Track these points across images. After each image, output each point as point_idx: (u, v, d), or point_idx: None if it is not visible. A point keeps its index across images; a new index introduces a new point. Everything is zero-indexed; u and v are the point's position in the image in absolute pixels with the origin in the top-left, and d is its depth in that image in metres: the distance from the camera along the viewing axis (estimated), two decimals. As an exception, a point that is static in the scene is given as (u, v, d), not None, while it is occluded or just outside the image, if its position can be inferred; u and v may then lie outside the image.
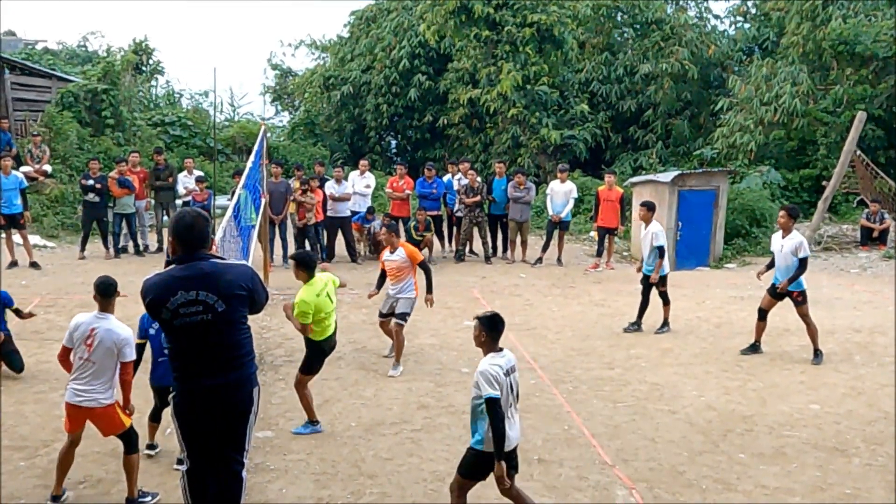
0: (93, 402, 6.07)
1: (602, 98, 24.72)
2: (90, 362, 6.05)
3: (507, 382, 5.52)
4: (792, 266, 10.28)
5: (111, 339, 6.07)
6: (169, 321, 4.38)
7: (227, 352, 4.50)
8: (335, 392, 9.00)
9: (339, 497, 6.62)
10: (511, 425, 5.55)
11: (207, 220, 4.67)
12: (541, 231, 17.66)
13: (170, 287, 4.37)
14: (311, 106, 28.71)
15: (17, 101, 22.02)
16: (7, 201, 14.72)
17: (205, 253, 4.53)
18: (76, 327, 6.13)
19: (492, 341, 5.64)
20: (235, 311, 4.50)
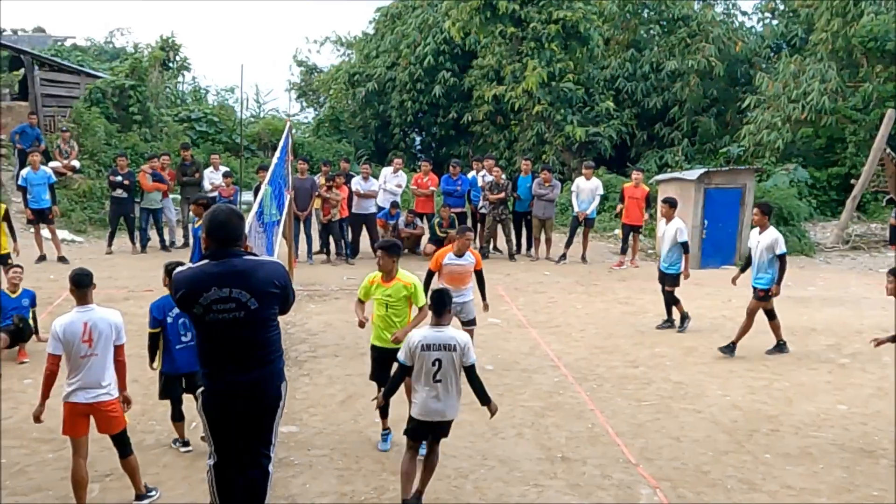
0: (99, 396, 6.04)
1: (627, 95, 24.59)
2: (93, 356, 5.99)
3: (422, 356, 6.05)
4: (765, 263, 10.20)
5: (107, 325, 6.06)
6: (201, 316, 4.39)
7: (257, 349, 4.52)
8: (359, 388, 9.03)
9: (361, 493, 6.64)
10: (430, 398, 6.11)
11: (241, 217, 4.68)
12: (565, 228, 17.60)
13: (203, 282, 4.38)
14: (336, 102, 28.77)
15: (46, 97, 22.25)
16: (36, 196, 14.89)
17: (238, 250, 4.54)
18: (64, 330, 5.95)
19: (435, 315, 6.20)
20: (267, 309, 4.51)
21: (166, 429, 7.70)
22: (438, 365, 6.06)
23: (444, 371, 6.08)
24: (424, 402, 6.15)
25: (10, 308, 9.83)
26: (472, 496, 6.62)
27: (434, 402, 6.14)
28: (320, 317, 11.86)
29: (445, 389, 6.12)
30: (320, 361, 9.95)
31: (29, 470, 6.98)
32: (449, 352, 6.07)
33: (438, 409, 6.16)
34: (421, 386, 6.14)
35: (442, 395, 6.12)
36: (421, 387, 6.14)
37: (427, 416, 6.18)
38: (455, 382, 6.15)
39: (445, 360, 6.07)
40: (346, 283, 14.01)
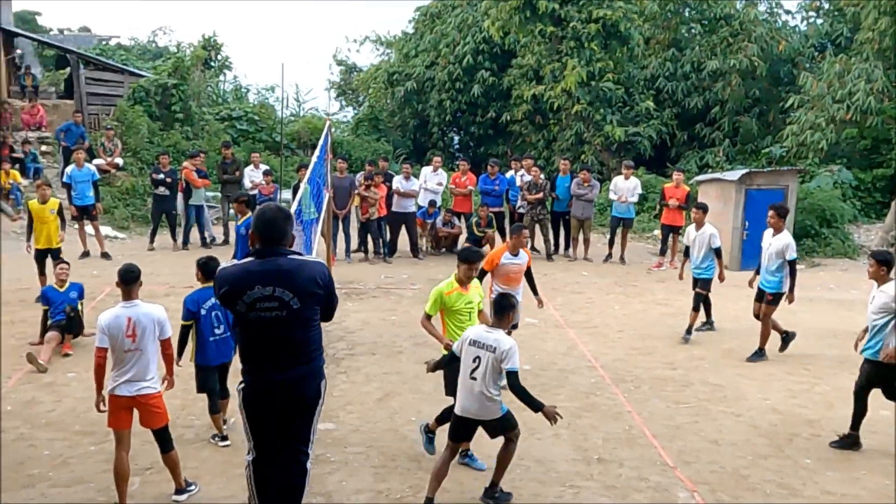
0: (143, 389, 6.14)
1: (668, 95, 24.37)
2: (136, 351, 6.09)
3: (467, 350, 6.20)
4: (773, 266, 10.05)
5: (150, 321, 6.16)
6: (244, 314, 4.44)
7: (297, 348, 4.55)
8: (395, 386, 9.06)
9: (397, 491, 6.67)
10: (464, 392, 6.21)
11: (289, 216, 4.70)
12: (604, 229, 17.51)
13: (247, 280, 4.42)
14: (375, 101, 28.88)
15: (91, 96, 22.63)
16: (80, 193, 15.16)
17: (283, 249, 4.57)
18: (109, 325, 6.07)
19: (495, 316, 6.32)
20: (309, 309, 4.53)
21: (205, 424, 7.80)
22: (477, 363, 6.14)
23: (481, 370, 6.12)
24: (459, 398, 6.28)
25: (59, 302, 10.05)
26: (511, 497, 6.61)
27: (466, 398, 6.22)
28: (358, 315, 11.92)
29: (478, 388, 6.15)
30: (357, 359, 10.00)
31: (71, 462, 7.11)
32: (489, 352, 6.11)
33: (468, 406, 6.23)
34: (461, 381, 6.25)
35: (474, 393, 6.17)
36: (461, 382, 6.25)
37: (460, 412, 6.28)
38: (489, 385, 6.14)
39: (484, 359, 6.12)
40: (383, 281, 14.07)
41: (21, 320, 10.93)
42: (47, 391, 8.69)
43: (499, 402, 6.25)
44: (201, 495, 6.51)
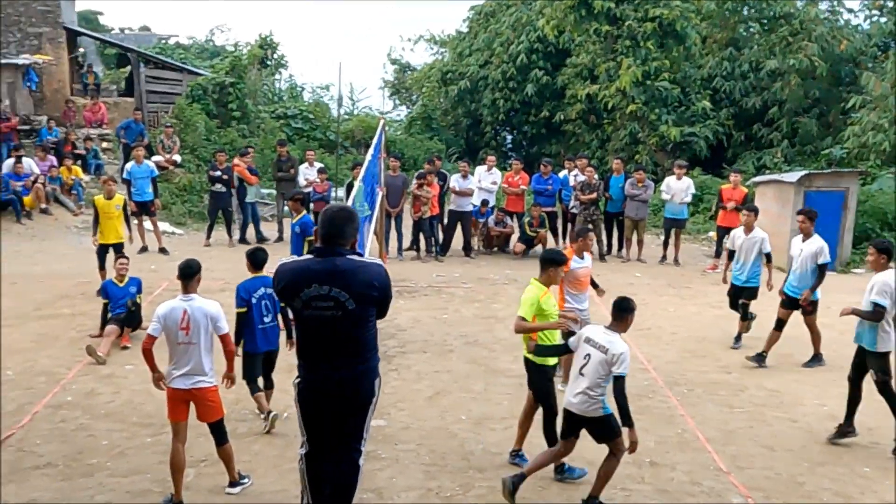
0: (199, 383, 6.26)
1: (725, 95, 24.01)
2: (190, 344, 6.20)
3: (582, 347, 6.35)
4: (808, 272, 9.84)
5: (204, 316, 6.26)
6: (300, 311, 4.48)
7: (352, 347, 4.57)
8: (446, 385, 9.08)
9: (447, 489, 6.68)
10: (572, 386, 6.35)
11: (352, 216, 4.71)
12: (657, 230, 17.32)
13: (305, 278, 4.46)
14: (429, 100, 28.96)
15: (151, 94, 23.07)
16: (139, 189, 15.46)
17: (344, 249, 4.59)
18: (165, 316, 6.22)
19: (614, 319, 6.38)
20: (365, 310, 4.55)
21: (258, 418, 7.90)
22: (587, 360, 6.27)
23: (589, 368, 6.23)
24: (567, 391, 6.45)
25: (119, 297, 10.27)
26: (557, 497, 6.59)
27: (572, 392, 6.35)
28: (409, 313, 11.96)
29: (584, 385, 6.24)
30: (408, 357, 10.04)
31: (129, 452, 7.25)
32: (600, 352, 6.19)
33: (572, 400, 6.34)
34: (571, 375, 6.45)
35: (580, 389, 6.27)
36: (571, 376, 6.45)
37: (566, 404, 6.43)
38: (593, 384, 6.21)
39: (594, 358, 6.22)
40: (435, 280, 14.10)
41: (81, 313, 11.18)
42: (106, 383, 8.88)
43: (601, 402, 6.27)
44: (254, 489, 6.59)
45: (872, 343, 7.65)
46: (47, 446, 7.35)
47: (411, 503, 6.44)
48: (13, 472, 6.84)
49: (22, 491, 6.53)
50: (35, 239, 15.95)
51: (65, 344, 10.21)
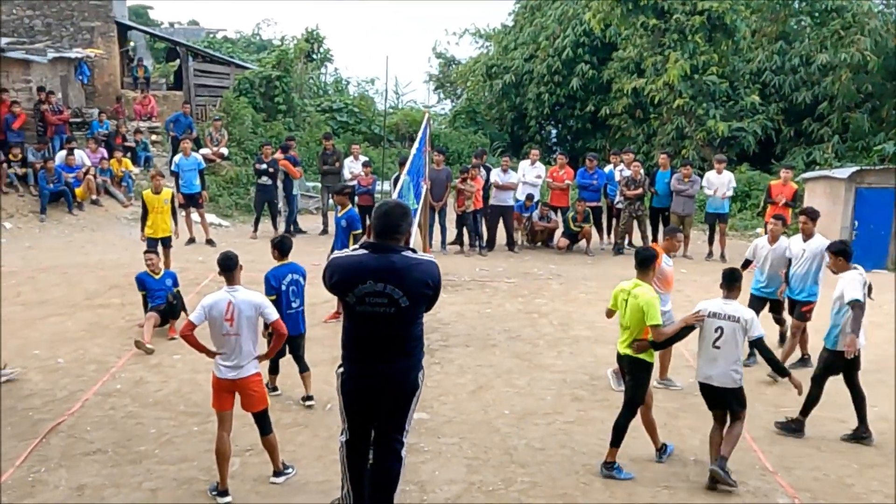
0: (243, 372, 6.33)
1: (774, 89, 23.60)
2: (234, 335, 6.27)
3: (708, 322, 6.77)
4: (811, 273, 9.53)
5: (250, 306, 6.33)
6: (352, 305, 4.49)
7: (401, 342, 4.57)
8: (489, 379, 9.07)
9: (489, 483, 6.68)
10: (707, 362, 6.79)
11: (406, 211, 4.70)
12: (703, 225, 17.10)
13: (360, 274, 4.45)
14: (473, 94, 28.90)
15: (199, 87, 23.37)
16: (187, 181, 15.69)
17: (398, 245, 4.58)
18: (211, 306, 6.29)
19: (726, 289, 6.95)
20: (417, 308, 4.56)
21: (303, 409, 7.98)
22: (720, 332, 6.71)
23: (724, 339, 6.69)
24: (701, 366, 6.87)
25: (156, 288, 10.41)
26: (601, 494, 6.56)
27: (709, 366, 6.77)
28: (453, 307, 11.97)
29: (722, 357, 6.69)
30: (451, 351, 10.05)
31: (176, 441, 7.37)
32: (732, 322, 6.68)
33: (710, 373, 6.77)
34: (703, 351, 6.82)
35: (718, 362, 6.71)
36: (703, 351, 6.82)
37: (703, 379, 6.85)
38: (731, 353, 6.69)
39: (728, 329, 6.69)
40: (478, 274, 14.09)
41: (131, 303, 11.36)
42: (154, 372, 9.03)
43: (741, 372, 6.77)
44: (298, 479, 6.66)
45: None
46: (97, 433, 7.49)
47: (453, 497, 6.45)
48: (64, 458, 6.99)
49: (72, 476, 6.66)
50: (86, 230, 16.25)
51: (114, 333, 10.40)
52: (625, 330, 7.00)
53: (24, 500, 6.29)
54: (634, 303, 6.88)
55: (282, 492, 6.48)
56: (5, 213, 16.23)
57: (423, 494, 6.46)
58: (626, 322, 6.97)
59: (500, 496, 6.47)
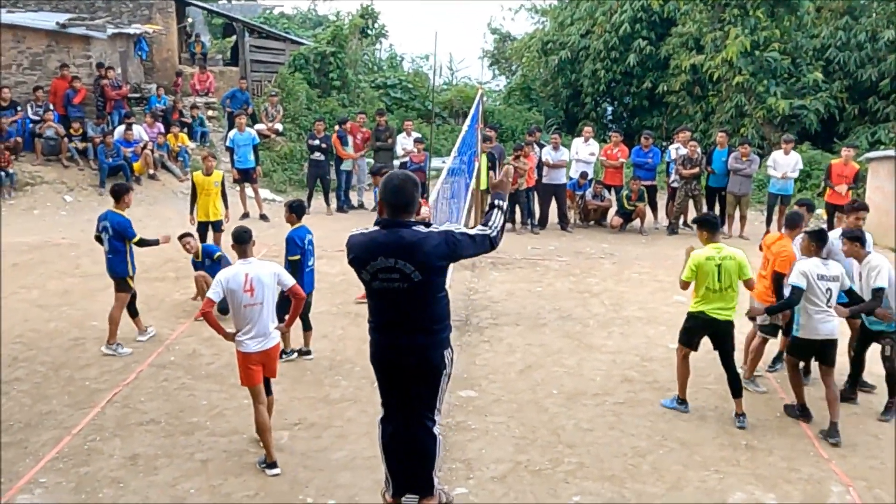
0: (269, 342, 6.52)
1: (839, 66, 22.91)
2: (256, 305, 6.39)
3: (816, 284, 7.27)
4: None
5: (267, 275, 6.47)
6: (368, 282, 4.50)
7: (418, 319, 4.55)
8: (538, 359, 9.03)
9: (537, 463, 6.66)
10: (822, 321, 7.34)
11: (416, 183, 4.67)
12: (761, 206, 16.73)
13: (371, 251, 4.46)
14: (528, 70, 28.60)
15: (255, 63, 23.49)
16: (241, 157, 15.85)
17: (409, 220, 4.55)
18: (228, 279, 6.38)
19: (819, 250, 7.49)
20: (431, 282, 4.52)
21: (352, 384, 8.04)
22: (830, 293, 7.29)
23: (834, 299, 7.33)
24: (815, 325, 7.33)
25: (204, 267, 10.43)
26: (648, 476, 6.49)
27: (826, 324, 7.32)
28: (503, 285, 11.93)
29: (832, 314, 7.33)
30: (501, 329, 10.02)
31: (227, 413, 7.48)
32: (837, 282, 7.33)
33: (829, 329, 7.35)
34: (816, 313, 7.31)
35: (832, 319, 7.34)
36: (816, 313, 7.31)
37: (816, 335, 7.37)
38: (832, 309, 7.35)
39: (835, 289, 7.32)
40: (530, 252, 14.01)
41: (186, 276, 11.51)
42: (207, 345, 9.16)
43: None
44: (346, 454, 6.71)
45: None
46: (151, 404, 7.64)
47: (500, 475, 6.44)
48: (119, 428, 7.14)
49: (126, 446, 6.81)
50: (143, 203, 16.50)
51: (169, 306, 10.59)
52: (722, 292, 7.41)
53: (80, 468, 6.45)
54: (733, 263, 7.43)
55: (329, 466, 6.55)
56: (66, 187, 16.58)
57: (469, 472, 6.47)
58: (723, 284, 7.39)
59: (546, 476, 6.45)
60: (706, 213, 8.49)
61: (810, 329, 7.36)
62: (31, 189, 16.25)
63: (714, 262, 7.36)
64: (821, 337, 7.34)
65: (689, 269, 7.47)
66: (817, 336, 7.35)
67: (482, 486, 6.26)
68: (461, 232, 4.62)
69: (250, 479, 6.32)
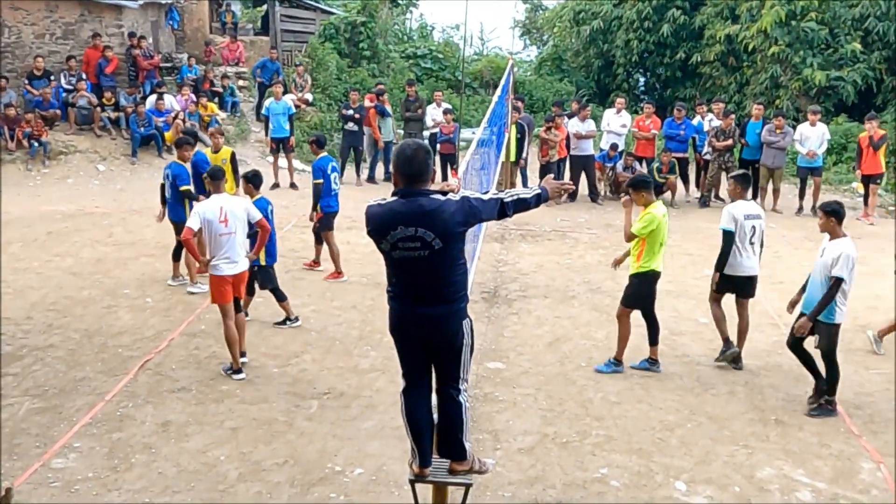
0: (240, 266, 7.61)
1: (878, 36, 22.38)
2: (230, 234, 7.48)
3: (743, 224, 7.84)
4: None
5: (238, 208, 7.62)
6: (388, 252, 4.50)
7: (438, 287, 4.54)
8: (567, 331, 9.02)
9: (564, 435, 6.67)
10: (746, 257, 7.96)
11: (429, 152, 4.65)
12: (794, 178, 16.49)
13: (391, 221, 4.45)
14: (560, 41, 28.29)
15: (285, 33, 23.43)
16: (277, 126, 15.91)
17: (425, 189, 4.54)
18: (205, 210, 7.46)
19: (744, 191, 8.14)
20: (452, 249, 4.52)
21: (381, 355, 8.07)
22: (753, 231, 7.89)
23: (757, 236, 7.94)
24: (740, 262, 7.93)
25: None
26: (676, 450, 6.48)
27: (750, 259, 7.95)
28: (532, 257, 11.89)
29: (756, 251, 8.00)
30: (530, 302, 10.01)
31: (256, 381, 7.57)
32: (760, 219, 7.99)
33: (750, 265, 7.98)
34: (743, 249, 7.90)
35: (756, 255, 8.00)
36: (743, 250, 7.90)
37: (739, 272, 7.96)
38: (759, 246, 8.05)
39: (758, 226, 7.96)
40: (559, 224, 13.95)
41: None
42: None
43: None
44: (375, 423, 6.76)
45: (830, 316, 7.11)
46: (182, 371, 7.74)
47: (527, 447, 6.46)
48: (151, 395, 7.24)
49: (158, 412, 6.91)
50: (175, 173, 16.64)
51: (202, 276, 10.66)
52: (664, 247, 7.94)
53: (113, 433, 6.55)
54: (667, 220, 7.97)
55: (358, 435, 6.60)
56: (98, 156, 16.72)
57: (496, 443, 6.50)
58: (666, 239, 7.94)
59: (574, 448, 6.46)
60: (639, 174, 8.81)
61: (735, 266, 7.93)
62: (64, 158, 16.43)
63: (665, 219, 7.79)
64: (743, 273, 7.96)
65: (648, 224, 7.65)
66: (741, 273, 7.96)
67: (509, 458, 6.29)
68: (476, 197, 4.62)
69: (280, 447, 6.39)
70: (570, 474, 6.09)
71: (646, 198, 7.77)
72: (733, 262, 7.95)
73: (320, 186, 10.26)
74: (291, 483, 5.92)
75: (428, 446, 4.80)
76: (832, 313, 7.08)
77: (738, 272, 7.99)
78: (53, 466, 6.07)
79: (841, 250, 7.01)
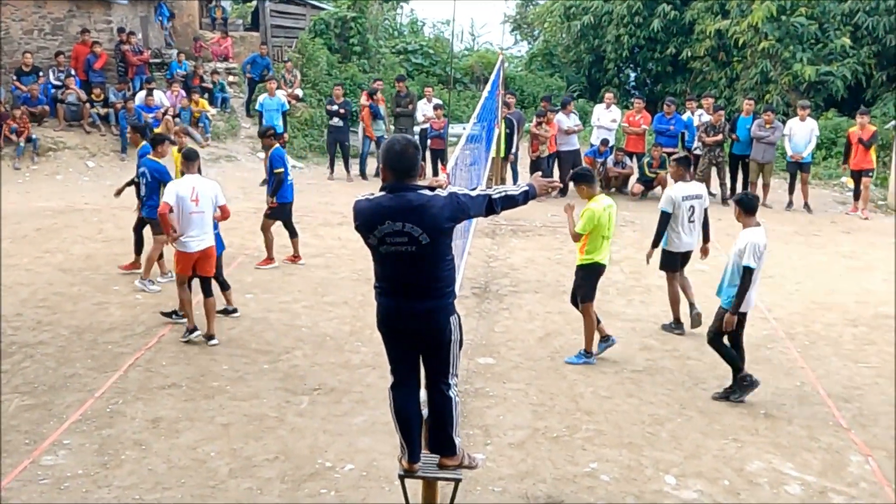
0: (206, 242, 8.11)
1: (867, 31, 22.46)
2: (200, 213, 8.02)
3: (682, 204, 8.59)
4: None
5: (209, 189, 8.18)
6: (376, 247, 4.50)
7: (425, 283, 4.54)
8: (558, 326, 9.03)
9: (554, 429, 6.68)
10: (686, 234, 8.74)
11: (417, 147, 4.66)
12: (784, 173, 16.54)
13: (378, 215, 4.45)
14: (551, 36, 28.31)
15: (275, 28, 23.36)
16: (269, 122, 15.85)
17: (413, 183, 4.54)
18: (178, 189, 8.03)
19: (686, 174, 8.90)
20: (440, 245, 4.52)
21: (371, 350, 8.06)
22: (692, 210, 8.61)
23: (697, 214, 8.65)
24: (680, 239, 8.64)
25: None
26: (666, 444, 6.50)
27: (691, 235, 8.68)
28: (524, 252, 11.91)
29: (696, 229, 8.73)
30: (521, 297, 10.02)
31: (247, 378, 7.54)
32: (699, 199, 8.68)
33: (689, 242, 8.70)
34: (683, 228, 8.62)
35: (696, 232, 8.73)
36: (683, 228, 8.62)
37: (680, 249, 8.70)
38: (700, 223, 8.76)
39: (698, 206, 8.67)
40: (550, 219, 13.96)
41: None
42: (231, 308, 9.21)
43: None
44: (366, 419, 6.76)
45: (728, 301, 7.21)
46: (173, 368, 7.72)
47: (518, 442, 6.47)
48: (141, 391, 7.22)
49: (149, 409, 6.89)
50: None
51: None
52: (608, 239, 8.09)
53: (103, 430, 6.53)
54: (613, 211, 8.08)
55: (349, 431, 6.60)
56: (88, 152, 16.66)
57: (487, 438, 6.50)
58: (611, 232, 8.09)
59: (564, 443, 6.48)
60: (579, 168, 9.02)
61: (677, 244, 8.67)
62: (53, 154, 16.36)
63: (606, 212, 7.83)
64: (684, 250, 8.73)
65: (588, 221, 7.77)
66: (682, 249, 8.72)
67: (500, 452, 6.30)
68: (464, 193, 4.62)
69: (271, 443, 6.38)
70: (560, 468, 6.11)
71: (587, 191, 7.94)
72: (676, 240, 8.70)
73: (281, 175, 10.60)
74: (282, 479, 5.92)
75: (417, 442, 4.81)
76: (730, 298, 7.17)
77: (681, 249, 8.76)
78: (43, 463, 6.05)
79: (748, 240, 7.08)
